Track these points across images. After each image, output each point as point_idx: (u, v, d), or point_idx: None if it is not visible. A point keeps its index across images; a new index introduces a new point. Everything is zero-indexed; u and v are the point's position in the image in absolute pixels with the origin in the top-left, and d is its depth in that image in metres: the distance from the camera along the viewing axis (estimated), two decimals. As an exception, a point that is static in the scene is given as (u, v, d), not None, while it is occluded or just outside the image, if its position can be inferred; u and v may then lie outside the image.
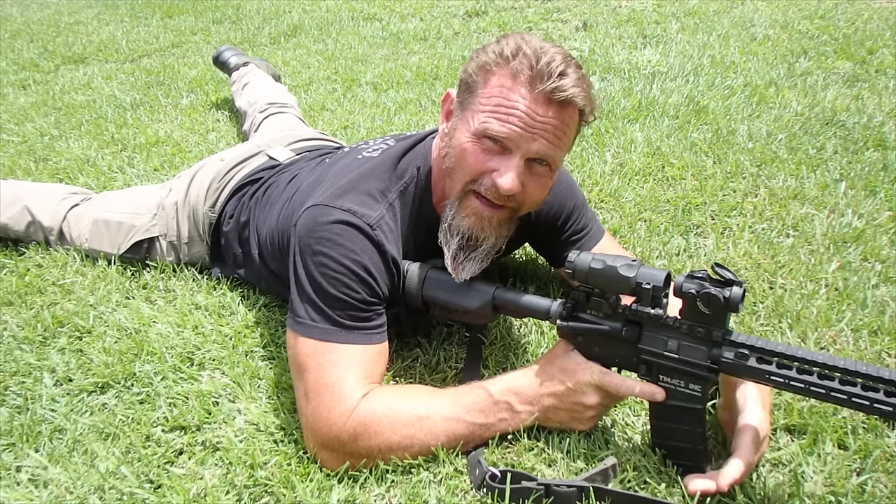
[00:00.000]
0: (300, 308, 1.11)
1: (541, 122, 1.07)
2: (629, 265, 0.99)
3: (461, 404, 1.08)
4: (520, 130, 1.06)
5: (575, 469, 1.06)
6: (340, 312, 1.09)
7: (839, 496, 0.99)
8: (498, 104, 1.07)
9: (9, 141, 2.64)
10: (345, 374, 1.08)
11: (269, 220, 1.40)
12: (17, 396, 1.31)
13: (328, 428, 1.06)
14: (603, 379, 1.05)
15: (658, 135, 2.27)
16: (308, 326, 1.10)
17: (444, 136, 1.18)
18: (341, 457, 1.07)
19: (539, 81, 1.05)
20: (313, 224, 1.12)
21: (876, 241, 1.63)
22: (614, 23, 3.74)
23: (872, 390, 0.85)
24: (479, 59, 1.11)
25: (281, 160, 1.64)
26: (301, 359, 1.10)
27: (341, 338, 1.09)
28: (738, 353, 0.95)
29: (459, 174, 1.13)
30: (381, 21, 4.21)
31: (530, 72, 1.05)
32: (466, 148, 1.10)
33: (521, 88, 1.06)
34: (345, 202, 1.13)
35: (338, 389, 1.06)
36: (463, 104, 1.13)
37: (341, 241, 1.10)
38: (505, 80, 1.07)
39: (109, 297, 1.58)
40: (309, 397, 1.08)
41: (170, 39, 4.09)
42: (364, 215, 1.13)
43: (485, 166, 1.10)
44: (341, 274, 1.09)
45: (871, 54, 2.95)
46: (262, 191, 1.53)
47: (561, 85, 1.05)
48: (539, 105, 1.06)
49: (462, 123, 1.12)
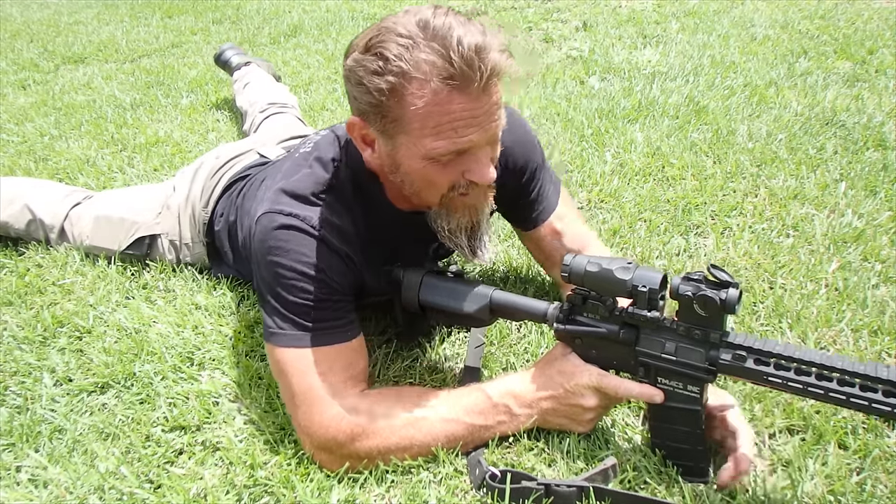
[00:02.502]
0: (268, 319, 1.11)
1: (485, 111, 0.97)
2: (625, 268, 0.99)
3: (460, 406, 1.08)
4: (473, 134, 0.98)
5: (575, 469, 1.06)
6: (304, 316, 1.09)
7: (839, 496, 1.00)
8: (436, 124, 0.96)
9: (9, 141, 2.64)
10: (327, 375, 1.08)
11: (250, 216, 1.38)
12: (17, 396, 1.31)
13: (323, 431, 1.06)
14: (601, 381, 1.05)
15: (658, 135, 2.27)
16: (279, 335, 1.10)
17: (377, 162, 1.09)
18: (339, 458, 1.07)
19: (467, 82, 0.93)
20: (263, 234, 1.11)
21: (876, 241, 1.63)
22: (614, 23, 3.74)
23: (871, 391, 0.85)
24: (371, 83, 0.96)
25: (271, 157, 1.64)
26: (280, 367, 1.10)
27: (312, 341, 1.09)
28: (736, 354, 0.95)
29: (431, 193, 1.08)
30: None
31: (450, 79, 0.92)
32: (428, 172, 1.03)
33: (453, 97, 0.94)
34: (284, 206, 1.11)
35: (323, 393, 1.06)
36: (387, 132, 1.01)
37: (289, 246, 1.09)
38: (426, 97, 0.94)
39: (109, 297, 1.58)
40: (297, 403, 1.08)
41: (170, 39, 4.09)
42: (306, 217, 1.10)
43: (454, 176, 1.04)
44: (295, 280, 1.08)
45: (871, 54, 2.95)
46: (247, 187, 1.51)
47: (493, 69, 0.93)
48: (474, 101, 0.95)
49: (403, 150, 1.02)
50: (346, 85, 1.04)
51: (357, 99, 1.01)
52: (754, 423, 1.14)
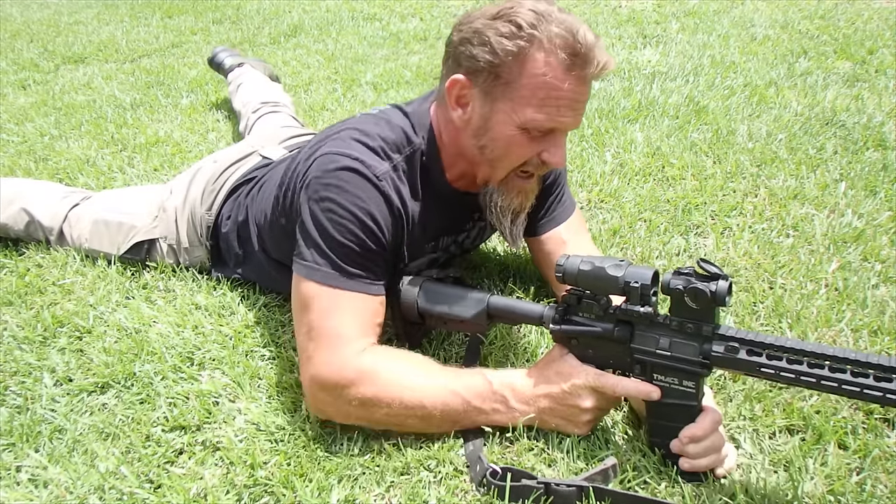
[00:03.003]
0: (305, 251, 1.13)
1: (584, 99, 1.08)
2: (617, 265, 1.00)
3: (461, 381, 1.10)
4: (569, 117, 1.07)
5: (575, 469, 1.06)
6: (344, 258, 1.11)
7: (839, 496, 1.00)
8: (545, 96, 1.04)
9: (9, 141, 2.64)
10: (346, 319, 1.10)
11: (265, 206, 1.40)
12: (17, 396, 1.31)
13: (328, 370, 1.07)
14: (598, 380, 1.06)
15: (658, 135, 2.27)
16: (312, 269, 1.11)
17: (464, 124, 1.14)
18: (336, 401, 1.09)
19: (586, 66, 1.03)
20: (321, 171, 1.13)
21: (876, 241, 1.63)
22: (614, 23, 3.74)
23: (862, 376, 0.86)
24: (499, 43, 1.03)
25: (274, 159, 1.64)
26: (304, 300, 1.12)
27: (343, 284, 1.11)
28: (729, 346, 0.95)
29: (506, 163, 1.14)
30: (381, 21, 4.21)
31: (575, 57, 1.02)
32: (514, 140, 1.10)
33: (568, 75, 1.03)
34: (353, 151, 1.14)
35: (339, 334, 1.09)
36: (491, 93, 1.08)
37: (349, 187, 1.11)
38: (547, 68, 1.02)
39: (109, 297, 1.58)
40: (311, 336, 1.10)
41: (170, 39, 4.09)
42: (371, 166, 1.13)
43: (532, 153, 1.12)
44: (347, 220, 1.10)
45: (871, 54, 2.96)
46: (256, 188, 1.53)
47: (606, 63, 1.04)
48: (582, 85, 1.06)
49: (500, 115, 1.09)
50: (458, 48, 1.09)
51: (474, 58, 1.06)
52: (754, 423, 1.14)
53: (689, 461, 1.01)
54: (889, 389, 0.84)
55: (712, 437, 1.00)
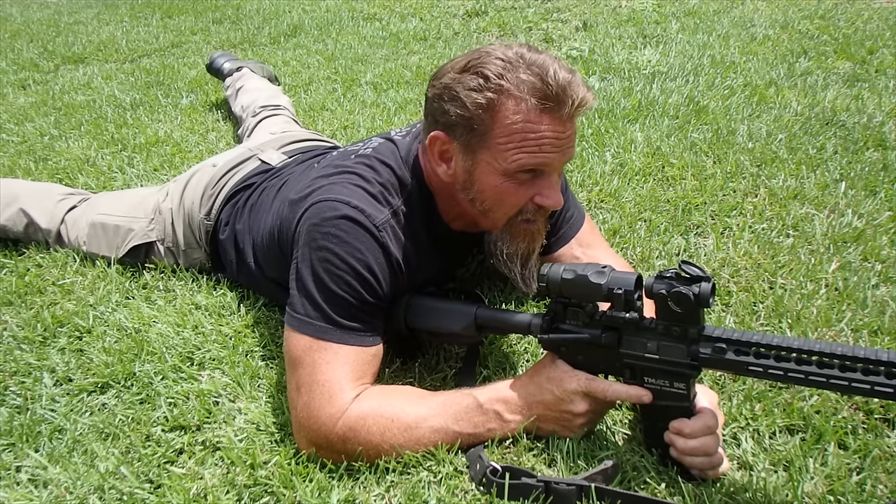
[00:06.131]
0: (298, 303, 1.11)
1: (566, 138, 1.07)
2: (599, 272, 1.00)
3: (450, 414, 1.08)
4: (554, 155, 1.07)
5: (575, 469, 1.06)
6: (339, 310, 1.09)
7: (839, 496, 1.00)
8: (523, 139, 1.04)
9: (9, 141, 2.64)
10: (337, 373, 1.07)
11: (263, 226, 1.39)
12: (17, 396, 1.31)
13: (318, 427, 1.06)
14: (589, 385, 1.05)
15: (658, 135, 2.27)
16: (304, 323, 1.09)
17: (451, 179, 1.14)
18: (327, 452, 1.08)
19: (560, 107, 1.02)
20: (320, 219, 1.10)
21: (876, 241, 1.63)
22: (614, 23, 3.75)
23: (850, 370, 0.86)
24: (469, 97, 1.04)
25: (273, 164, 1.63)
26: (295, 354, 1.10)
27: (337, 337, 1.08)
28: (716, 347, 0.95)
29: (500, 213, 1.13)
30: (381, 21, 4.21)
31: (546, 100, 1.02)
32: (503, 189, 1.09)
33: (544, 117, 1.03)
34: (352, 198, 1.12)
35: (329, 389, 1.06)
36: (470, 146, 1.08)
37: (347, 238, 1.09)
38: (519, 115, 1.03)
39: (109, 297, 1.58)
40: (301, 392, 1.08)
41: (170, 39, 4.09)
42: (371, 216, 1.11)
43: (524, 199, 1.11)
44: (344, 272, 1.08)
45: (871, 54, 2.96)
46: (255, 196, 1.51)
47: (582, 100, 1.03)
48: (563, 124, 1.05)
49: (483, 166, 1.08)
50: (432, 104, 1.10)
51: (447, 113, 1.07)
52: (754, 422, 1.14)
53: (679, 456, 1.01)
54: (877, 382, 0.84)
55: (703, 440, 0.99)
